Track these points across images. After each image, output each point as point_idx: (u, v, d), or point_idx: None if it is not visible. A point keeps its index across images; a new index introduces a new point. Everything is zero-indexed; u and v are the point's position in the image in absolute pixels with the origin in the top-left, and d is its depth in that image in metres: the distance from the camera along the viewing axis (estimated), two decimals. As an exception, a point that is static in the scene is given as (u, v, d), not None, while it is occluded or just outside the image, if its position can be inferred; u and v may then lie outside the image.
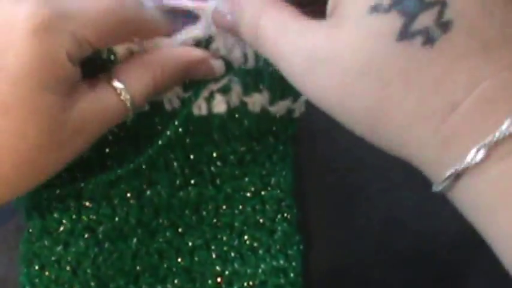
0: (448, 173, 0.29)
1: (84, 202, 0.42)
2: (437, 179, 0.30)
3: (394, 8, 0.29)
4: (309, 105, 0.43)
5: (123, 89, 0.37)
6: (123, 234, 0.42)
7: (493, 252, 0.30)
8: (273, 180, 0.43)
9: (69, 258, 0.41)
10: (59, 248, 0.41)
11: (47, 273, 0.41)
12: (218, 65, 0.40)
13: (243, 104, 0.42)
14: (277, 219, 0.43)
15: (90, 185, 0.41)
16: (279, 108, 0.42)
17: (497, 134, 0.27)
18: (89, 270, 0.41)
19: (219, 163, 0.43)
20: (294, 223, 0.43)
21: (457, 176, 0.29)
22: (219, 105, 0.41)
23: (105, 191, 0.42)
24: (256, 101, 0.42)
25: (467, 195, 0.29)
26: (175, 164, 0.42)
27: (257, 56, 0.40)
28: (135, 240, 0.42)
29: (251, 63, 0.41)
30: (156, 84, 0.38)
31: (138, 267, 0.42)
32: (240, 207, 0.43)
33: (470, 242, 0.32)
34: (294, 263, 0.42)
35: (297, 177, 0.45)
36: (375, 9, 0.29)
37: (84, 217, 0.41)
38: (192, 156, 0.43)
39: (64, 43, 0.34)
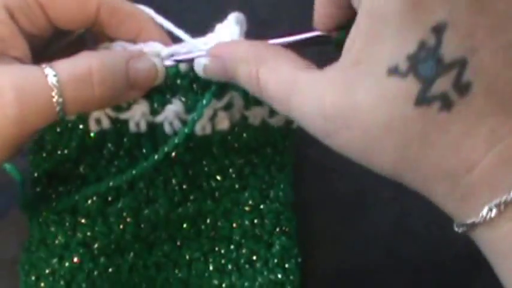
0: (465, 223, 0.30)
1: (79, 219, 0.41)
2: (458, 223, 0.31)
3: (412, 72, 0.28)
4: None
5: (48, 68, 0.34)
6: (119, 248, 0.41)
7: None
8: (272, 194, 0.43)
9: (62, 272, 0.40)
10: (54, 261, 0.40)
11: (42, 284, 0.41)
12: (159, 62, 0.38)
13: (244, 118, 0.41)
14: (275, 233, 0.43)
15: (86, 202, 0.41)
16: (278, 119, 0.42)
17: (508, 197, 0.28)
18: (83, 284, 0.41)
19: (218, 177, 0.42)
20: (293, 236, 0.43)
21: (473, 227, 0.30)
22: (222, 123, 0.40)
23: (100, 208, 0.41)
24: (257, 114, 0.41)
25: (483, 242, 0.30)
26: (173, 181, 0.42)
27: None
28: (132, 254, 0.42)
29: None
30: (91, 69, 0.35)
31: (135, 279, 0.42)
32: (239, 220, 0.43)
33: (478, 254, 0.33)
34: (291, 277, 0.42)
35: (304, 184, 0.45)
36: (393, 72, 0.28)
37: (79, 233, 0.41)
38: (190, 172, 0.42)
39: None
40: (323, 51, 0.34)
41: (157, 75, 0.38)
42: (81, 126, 0.40)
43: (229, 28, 0.38)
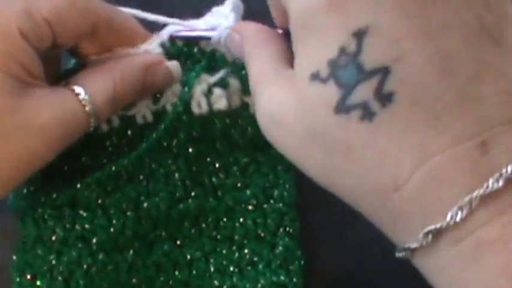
0: (402, 248, 0.28)
1: (79, 211, 0.40)
2: (397, 248, 0.29)
3: (332, 78, 0.27)
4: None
5: (82, 92, 0.35)
6: (118, 245, 0.40)
7: None
8: (276, 193, 0.42)
9: (61, 268, 0.39)
10: (52, 257, 0.39)
11: (38, 283, 0.39)
12: (174, 67, 0.39)
13: (245, 105, 0.41)
14: (279, 233, 0.42)
15: (86, 193, 0.40)
16: None
17: (444, 222, 0.25)
18: (81, 281, 0.39)
19: (221, 174, 0.42)
20: (297, 237, 0.42)
21: (412, 253, 0.28)
22: (219, 101, 0.40)
23: (100, 200, 0.40)
24: None
25: (424, 270, 0.28)
26: (176, 175, 0.41)
27: None
28: (131, 252, 0.41)
29: None
30: (116, 88, 0.37)
31: (133, 280, 0.41)
32: (241, 219, 0.42)
33: None
34: (295, 279, 0.41)
35: (304, 183, 0.43)
36: (314, 77, 0.27)
37: (78, 226, 0.40)
38: (194, 168, 0.41)
39: (14, 14, 0.33)
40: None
41: (172, 82, 0.40)
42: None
43: (226, 12, 0.39)
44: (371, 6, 0.26)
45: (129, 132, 0.41)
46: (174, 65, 0.39)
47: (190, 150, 0.41)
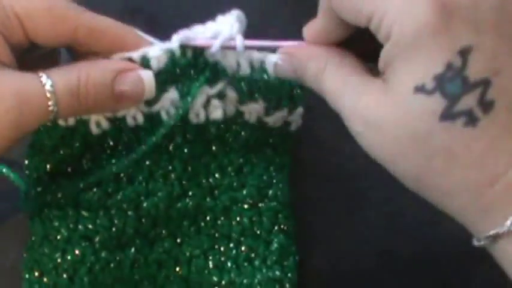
0: (485, 236, 0.31)
1: (82, 211, 0.42)
2: (477, 237, 0.32)
3: (438, 90, 0.30)
4: (313, 114, 0.43)
5: (45, 76, 0.36)
6: (120, 244, 0.42)
7: (494, 261, 0.33)
8: (270, 193, 0.44)
9: (65, 266, 0.41)
10: (57, 256, 0.41)
11: (45, 279, 0.41)
12: (147, 76, 0.39)
13: (240, 114, 0.42)
14: (274, 231, 0.44)
15: (88, 194, 0.42)
16: (276, 119, 0.43)
17: None
18: (85, 278, 0.41)
19: (217, 175, 0.43)
20: (291, 234, 0.44)
21: (495, 238, 0.31)
22: (216, 111, 0.41)
23: (102, 201, 0.42)
24: (252, 110, 0.42)
25: (504, 256, 0.32)
26: (173, 175, 0.43)
27: (251, 64, 0.41)
28: (133, 249, 0.42)
29: (245, 70, 0.41)
30: (80, 83, 0.37)
31: (136, 276, 0.43)
32: (238, 218, 0.44)
33: (472, 251, 0.34)
34: (289, 274, 0.43)
35: (300, 185, 0.46)
36: (420, 90, 0.31)
37: (81, 226, 0.41)
38: (189, 168, 0.43)
39: None
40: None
41: (143, 91, 0.39)
42: (81, 129, 0.41)
43: (230, 21, 0.39)
44: (473, 28, 0.30)
45: (123, 136, 0.42)
46: (147, 75, 0.39)
47: (185, 151, 0.42)
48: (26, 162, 0.42)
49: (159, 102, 0.40)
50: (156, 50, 0.39)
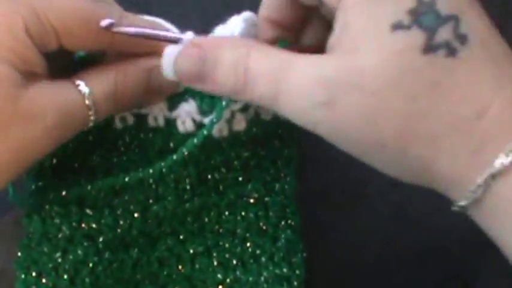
0: (479, 180, 0.30)
1: (86, 209, 0.40)
2: (465, 190, 0.31)
3: (415, 24, 0.30)
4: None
5: (82, 84, 0.36)
6: (124, 244, 0.41)
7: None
8: (277, 186, 0.42)
9: (67, 266, 0.40)
10: (58, 255, 0.40)
11: (44, 280, 0.40)
12: None
13: (258, 115, 0.41)
14: (280, 226, 0.42)
15: (94, 192, 0.40)
16: None
17: None
18: (87, 279, 0.40)
19: (223, 169, 0.42)
20: (298, 230, 0.42)
21: (489, 182, 0.30)
22: (240, 124, 0.40)
23: (108, 199, 0.41)
24: (270, 111, 0.41)
25: (498, 203, 0.30)
26: (187, 180, 0.41)
27: None
28: (136, 249, 0.41)
29: None
30: (118, 86, 0.37)
31: (138, 276, 0.41)
32: (243, 213, 0.42)
33: (481, 239, 0.33)
34: (297, 271, 0.41)
35: (303, 176, 0.44)
36: (397, 26, 0.30)
37: (84, 225, 0.40)
38: (201, 170, 0.42)
39: (21, 11, 0.34)
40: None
41: (178, 84, 0.39)
42: (103, 123, 0.40)
43: (242, 23, 0.37)
44: None
45: (141, 135, 0.41)
46: None
47: (202, 157, 0.41)
48: None
49: (177, 109, 0.40)
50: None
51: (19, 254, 0.40)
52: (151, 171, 0.39)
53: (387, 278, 0.45)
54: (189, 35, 0.37)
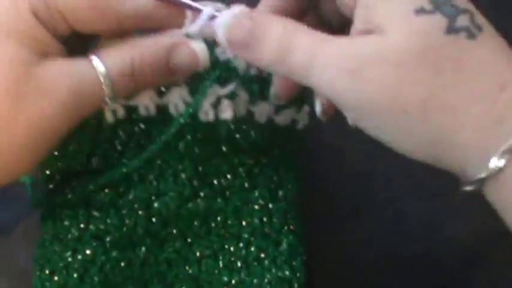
0: (504, 148, 0.31)
1: (92, 212, 0.42)
2: (485, 164, 0.32)
3: (437, 10, 0.33)
4: (316, 118, 0.44)
5: (97, 60, 0.36)
6: (131, 243, 0.42)
7: (497, 260, 0.32)
8: (280, 193, 0.44)
9: (76, 265, 0.41)
10: (68, 255, 0.41)
11: (56, 278, 0.41)
12: (200, 48, 0.39)
13: (250, 114, 0.42)
14: (283, 231, 0.44)
15: (98, 194, 0.42)
16: (285, 118, 0.43)
17: None
18: (96, 278, 0.41)
19: (229, 176, 0.44)
20: (299, 235, 0.44)
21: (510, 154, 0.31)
22: (226, 111, 0.41)
23: (113, 200, 0.42)
24: (263, 110, 0.42)
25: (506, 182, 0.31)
26: (183, 175, 0.43)
27: None
28: (143, 249, 0.43)
29: (255, 69, 0.41)
30: (135, 64, 0.37)
31: (146, 275, 0.43)
32: (248, 218, 0.44)
33: (474, 252, 0.33)
34: (298, 274, 0.43)
35: (305, 186, 0.46)
36: (421, 11, 0.33)
37: (92, 226, 0.42)
38: (200, 168, 0.43)
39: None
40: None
41: (199, 62, 0.39)
42: (92, 119, 0.40)
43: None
44: None
45: (135, 128, 0.41)
46: (199, 47, 0.39)
47: (196, 150, 0.43)
48: None
49: (169, 94, 0.41)
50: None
51: (36, 252, 0.42)
52: (144, 155, 0.40)
53: (381, 287, 0.47)
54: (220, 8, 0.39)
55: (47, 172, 0.42)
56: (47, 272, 0.41)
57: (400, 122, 0.33)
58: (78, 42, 0.39)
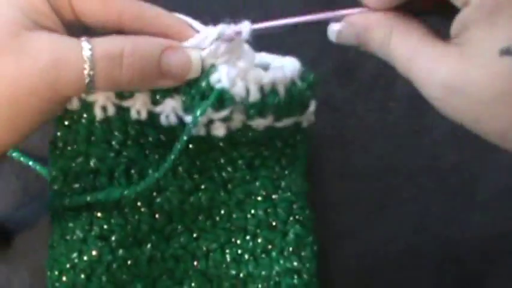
0: None
1: (95, 213, 0.42)
2: None
3: None
4: (340, 114, 0.43)
5: (86, 41, 0.36)
6: (136, 240, 0.42)
7: None
8: (283, 184, 0.44)
9: (83, 266, 0.41)
10: (74, 255, 0.41)
11: (64, 278, 0.41)
12: (195, 54, 0.39)
13: (246, 126, 0.42)
14: (289, 222, 0.43)
15: (98, 200, 0.41)
16: (285, 123, 0.43)
17: None
18: (104, 277, 0.41)
19: (229, 168, 0.43)
20: (307, 225, 0.44)
21: None
22: (218, 130, 0.41)
23: (115, 201, 0.42)
24: (260, 123, 0.41)
25: None
26: (180, 169, 0.43)
27: (262, 89, 0.40)
28: (149, 246, 0.43)
29: (254, 96, 0.40)
30: (124, 53, 0.36)
31: (155, 272, 0.43)
32: (252, 211, 0.44)
33: (497, 250, 0.33)
34: (307, 264, 0.43)
35: (329, 184, 0.46)
36: (505, 52, 0.33)
37: (96, 227, 0.42)
38: (198, 162, 0.43)
39: None
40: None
41: (191, 69, 0.39)
42: (85, 115, 0.41)
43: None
44: None
45: (130, 130, 0.41)
46: (195, 55, 0.38)
47: (190, 146, 0.42)
48: (50, 156, 0.42)
49: (162, 104, 0.40)
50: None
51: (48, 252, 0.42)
52: (145, 182, 0.40)
53: (405, 285, 0.46)
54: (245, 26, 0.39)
55: (53, 173, 0.42)
56: (56, 272, 0.41)
57: (487, 137, 0.35)
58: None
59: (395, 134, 0.48)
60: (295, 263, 0.43)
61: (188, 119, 0.40)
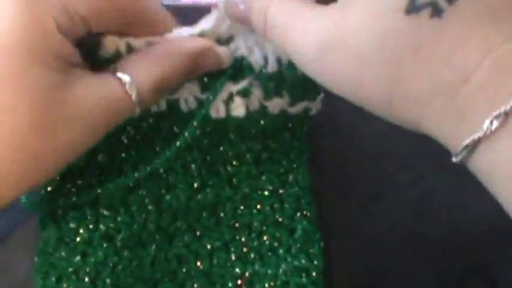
0: (464, 144, 0.28)
1: (101, 210, 0.40)
2: (455, 151, 0.29)
3: None
4: (330, 99, 0.43)
5: (128, 80, 0.36)
6: (141, 240, 0.41)
7: None
8: (290, 178, 0.43)
9: (87, 269, 0.40)
10: (77, 259, 0.40)
11: (64, 285, 0.40)
12: (224, 52, 0.39)
13: (263, 108, 0.41)
14: (296, 217, 0.42)
15: (107, 192, 0.40)
16: (298, 108, 0.42)
17: (508, 105, 0.27)
18: (108, 280, 0.40)
19: (235, 162, 0.42)
20: (314, 221, 0.43)
21: (474, 147, 0.28)
22: (238, 109, 0.40)
23: (122, 197, 0.41)
24: (277, 104, 0.41)
25: (484, 165, 0.29)
26: (193, 166, 0.41)
27: (279, 59, 0.39)
28: (154, 246, 0.41)
29: (272, 66, 0.39)
30: (164, 76, 0.37)
31: (157, 274, 0.41)
32: (258, 206, 0.42)
33: (502, 233, 0.32)
34: (315, 262, 0.42)
35: (322, 170, 0.44)
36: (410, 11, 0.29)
37: (102, 226, 0.40)
38: (208, 158, 0.42)
39: (52, 11, 0.33)
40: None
41: (222, 66, 0.39)
42: None
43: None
44: None
45: (143, 124, 0.41)
46: (224, 51, 0.39)
47: (204, 141, 0.41)
48: None
49: (180, 90, 0.40)
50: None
51: (36, 259, 0.40)
52: (158, 162, 0.39)
53: (407, 274, 0.45)
54: None
55: None
56: (53, 279, 0.40)
57: (369, 106, 0.32)
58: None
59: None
60: (303, 261, 0.41)
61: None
